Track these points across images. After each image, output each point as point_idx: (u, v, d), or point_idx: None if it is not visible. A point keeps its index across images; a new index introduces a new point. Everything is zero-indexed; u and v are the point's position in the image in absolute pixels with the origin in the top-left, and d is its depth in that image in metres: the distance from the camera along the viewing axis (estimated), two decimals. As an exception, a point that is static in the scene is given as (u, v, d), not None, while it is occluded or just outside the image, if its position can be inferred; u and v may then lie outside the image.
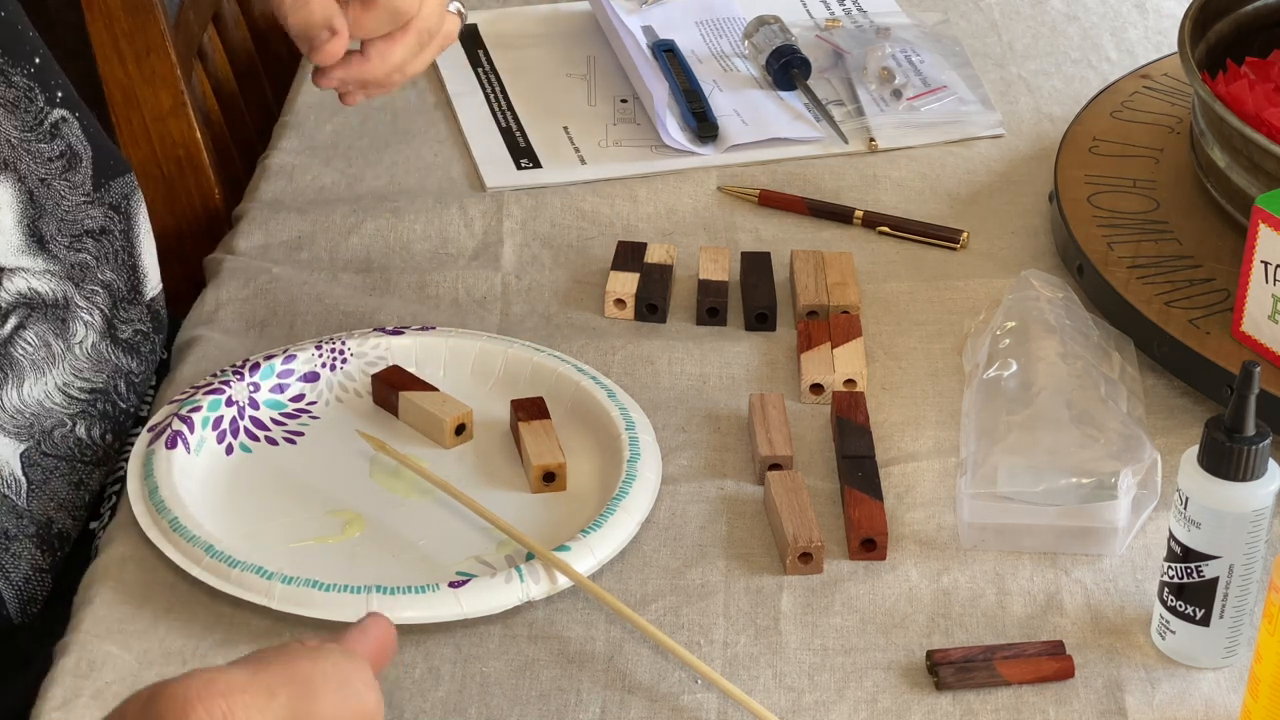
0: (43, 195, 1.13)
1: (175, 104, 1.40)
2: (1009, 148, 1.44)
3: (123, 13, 1.37)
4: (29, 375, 1.12)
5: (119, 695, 0.98)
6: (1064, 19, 1.60)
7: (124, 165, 1.20)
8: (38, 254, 1.12)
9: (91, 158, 1.17)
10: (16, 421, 1.11)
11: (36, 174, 1.13)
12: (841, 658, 1.02)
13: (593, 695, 0.99)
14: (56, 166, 1.15)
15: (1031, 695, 0.99)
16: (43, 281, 1.12)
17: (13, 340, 1.11)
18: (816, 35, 1.54)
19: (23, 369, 1.11)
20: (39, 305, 1.12)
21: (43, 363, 1.13)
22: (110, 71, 1.39)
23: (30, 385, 1.12)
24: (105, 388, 1.16)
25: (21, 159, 1.12)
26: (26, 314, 1.12)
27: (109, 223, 1.18)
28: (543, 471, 1.11)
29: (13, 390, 1.11)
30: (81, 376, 1.15)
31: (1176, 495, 0.98)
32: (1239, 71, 1.31)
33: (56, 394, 1.13)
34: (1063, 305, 1.20)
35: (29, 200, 1.12)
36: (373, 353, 1.19)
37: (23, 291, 1.12)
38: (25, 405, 1.12)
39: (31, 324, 1.12)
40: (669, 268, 1.28)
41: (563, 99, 1.49)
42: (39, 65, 1.14)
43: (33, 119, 1.14)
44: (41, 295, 1.12)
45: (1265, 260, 1.13)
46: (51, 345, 1.13)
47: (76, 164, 1.16)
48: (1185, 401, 1.19)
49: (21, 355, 1.11)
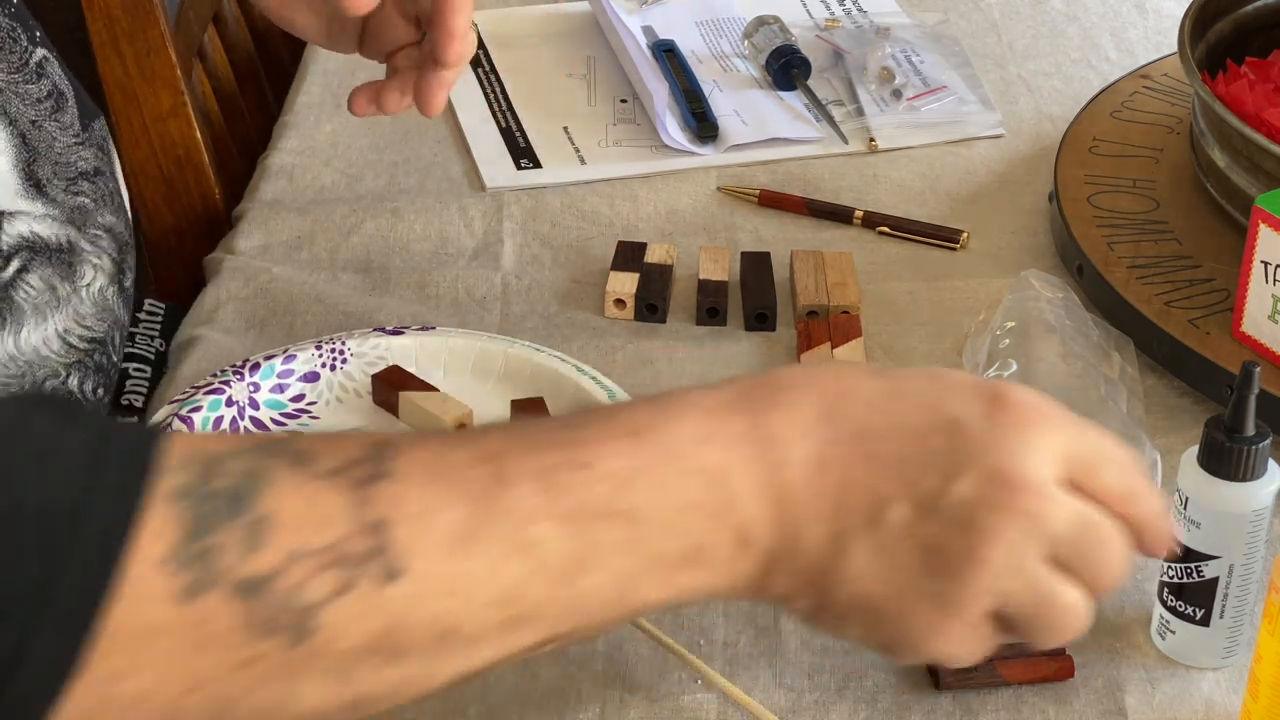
0: (35, 138, 1.11)
1: (175, 104, 1.40)
2: (1009, 148, 1.44)
3: (123, 13, 1.37)
4: (29, 320, 1.09)
5: (119, 695, 0.98)
6: (1064, 19, 1.60)
7: (96, 109, 1.19)
8: (36, 198, 1.10)
9: (74, 97, 1.16)
10: (8, 370, 1.08)
11: (27, 116, 1.11)
12: (841, 658, 1.02)
13: (593, 695, 0.99)
14: (46, 107, 1.13)
15: (1031, 695, 0.99)
16: (44, 225, 1.09)
17: (14, 284, 1.08)
18: (816, 35, 1.54)
19: (23, 313, 1.09)
20: (42, 249, 1.09)
21: (46, 306, 1.10)
22: (110, 71, 1.39)
23: (29, 331, 1.09)
24: (104, 338, 1.14)
25: (10, 101, 1.10)
26: (29, 257, 1.09)
27: (100, 164, 1.16)
28: (543, 471, 1.11)
29: (9, 337, 1.08)
30: (84, 324, 1.12)
31: (1176, 495, 0.98)
32: (1239, 71, 1.31)
33: (55, 340, 1.11)
34: (1063, 305, 1.20)
35: (22, 143, 1.10)
36: (373, 353, 1.19)
37: (24, 235, 1.09)
38: (21, 353, 1.09)
39: (35, 267, 1.09)
40: (669, 268, 1.28)
41: (563, 99, 1.49)
42: (17, 5, 1.13)
43: (18, 59, 1.12)
44: (45, 239, 1.09)
45: (1265, 260, 1.13)
46: (57, 289, 1.10)
47: (64, 104, 1.14)
48: (1185, 401, 1.19)
49: (23, 299, 1.08)
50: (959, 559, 0.80)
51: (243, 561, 0.69)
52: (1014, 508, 0.80)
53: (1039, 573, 0.81)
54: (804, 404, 0.81)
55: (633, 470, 0.77)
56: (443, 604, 0.73)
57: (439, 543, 0.73)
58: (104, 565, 0.67)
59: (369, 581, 0.71)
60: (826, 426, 0.80)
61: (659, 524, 0.77)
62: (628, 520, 0.76)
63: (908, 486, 0.80)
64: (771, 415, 0.80)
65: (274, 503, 0.71)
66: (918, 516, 0.80)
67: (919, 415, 0.81)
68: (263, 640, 0.70)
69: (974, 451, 0.80)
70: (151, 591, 0.68)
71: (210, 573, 0.69)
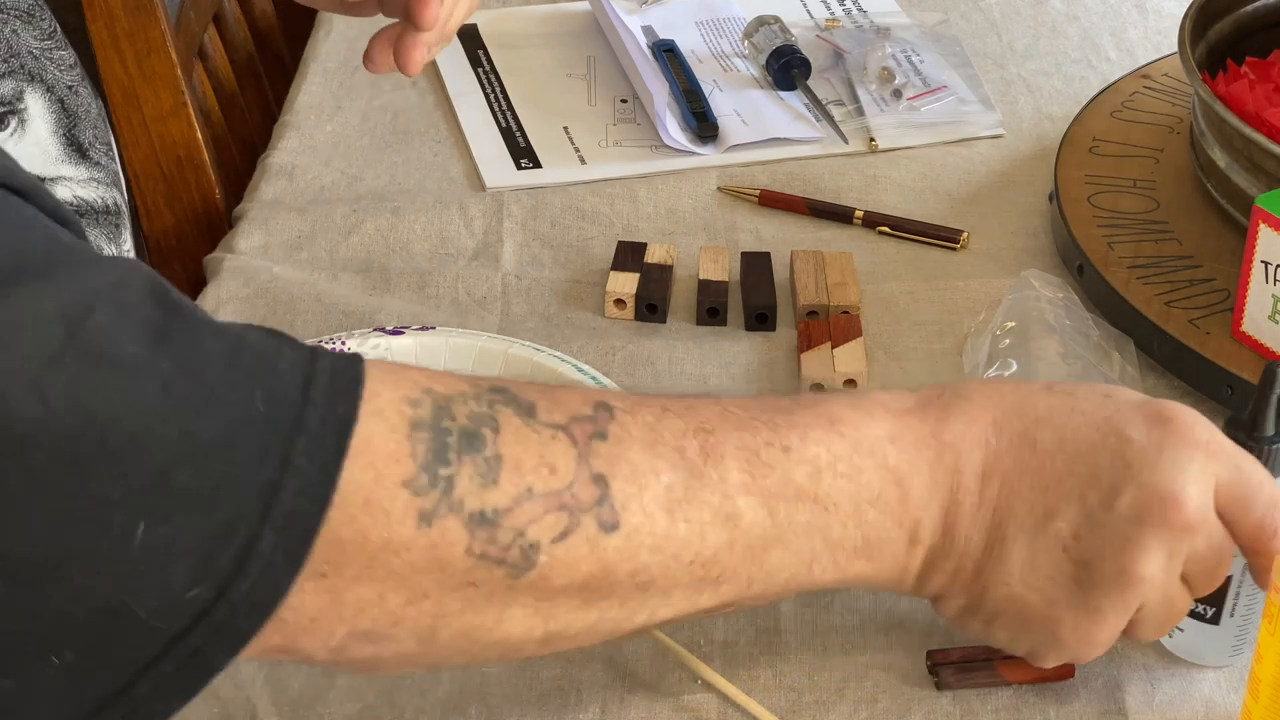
0: (74, 104, 1.11)
1: (176, 104, 1.40)
2: (1009, 148, 1.44)
3: (123, 12, 1.37)
4: None
5: (119, 695, 0.98)
6: (1064, 19, 1.60)
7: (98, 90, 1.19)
8: (80, 162, 1.11)
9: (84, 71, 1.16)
10: None
11: (64, 82, 1.11)
12: (841, 658, 1.02)
13: (593, 695, 0.99)
14: (76, 74, 1.14)
15: (1031, 695, 0.99)
16: (89, 189, 1.10)
17: None
18: (816, 35, 1.54)
19: None
20: (88, 212, 1.09)
21: None
22: (111, 71, 1.39)
23: None
24: None
25: (46, 69, 1.10)
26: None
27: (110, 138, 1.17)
28: (543, 471, 1.11)
29: None
30: None
31: None
32: (1239, 71, 1.31)
33: None
34: (1063, 305, 1.20)
35: (61, 109, 1.10)
36: (373, 353, 1.19)
37: (69, 200, 1.09)
38: None
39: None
40: (669, 268, 1.28)
41: (563, 99, 1.49)
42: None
43: (47, 26, 1.12)
44: (90, 202, 1.10)
45: (1265, 260, 1.13)
46: (103, 250, 1.11)
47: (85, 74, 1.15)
48: (1185, 401, 1.18)
49: None
50: (1115, 574, 0.87)
51: (478, 494, 0.75)
52: (1171, 525, 0.86)
53: (1176, 586, 0.88)
54: (981, 416, 0.87)
55: (830, 458, 0.84)
56: (650, 558, 0.80)
57: (653, 502, 0.79)
58: (326, 474, 0.73)
59: (589, 528, 0.78)
60: (999, 438, 0.87)
61: (845, 513, 0.85)
62: (820, 505, 0.84)
63: (1072, 501, 0.86)
64: (950, 424, 0.87)
65: (506, 446, 0.76)
66: (1079, 529, 0.86)
67: (1089, 431, 0.87)
68: (487, 569, 0.76)
69: (1138, 469, 0.86)
70: (393, 510, 0.74)
71: (448, 500, 0.75)
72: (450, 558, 0.75)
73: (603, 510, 0.78)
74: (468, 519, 0.75)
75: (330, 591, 0.74)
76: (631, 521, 0.79)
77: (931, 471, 0.87)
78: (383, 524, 0.74)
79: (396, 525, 0.74)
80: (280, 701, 0.98)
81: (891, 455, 0.86)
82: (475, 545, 0.76)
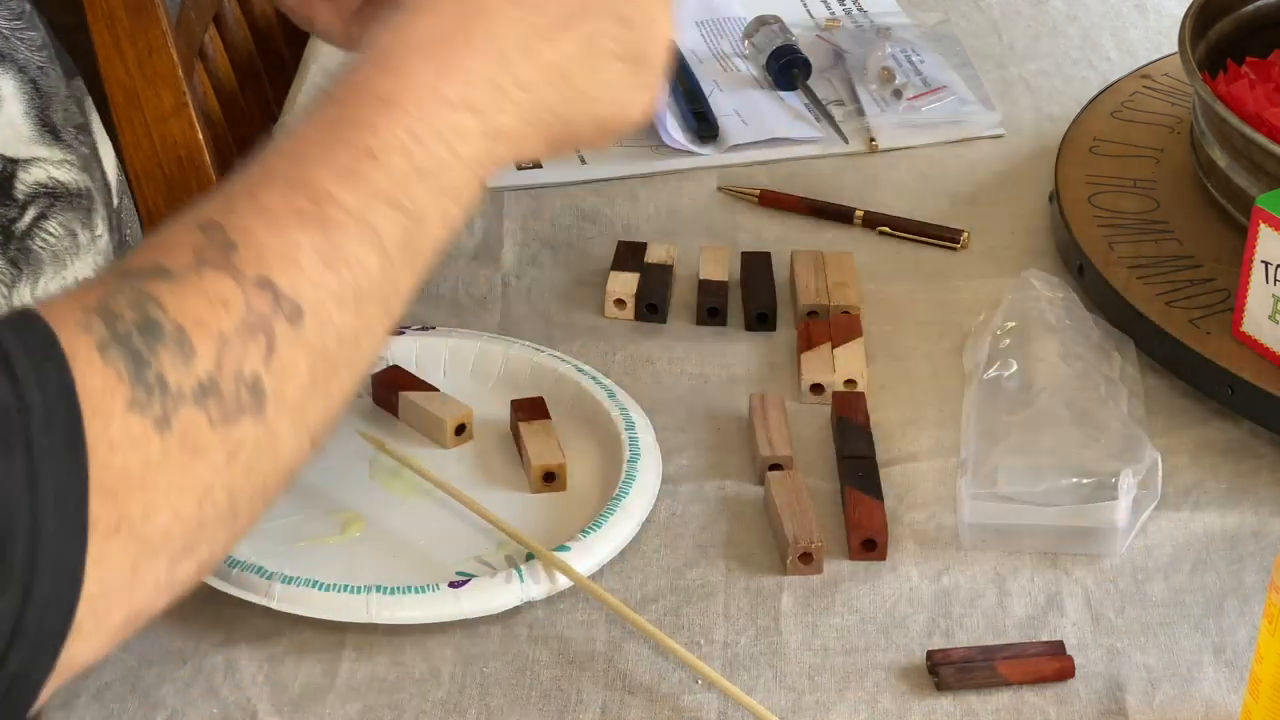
0: (45, 84, 1.11)
1: (176, 104, 1.40)
2: (1009, 148, 1.44)
3: (124, 13, 1.37)
4: (47, 269, 1.09)
5: (119, 695, 0.98)
6: (1064, 19, 1.60)
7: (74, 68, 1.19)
8: (53, 144, 1.10)
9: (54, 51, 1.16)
10: None
11: (34, 62, 1.11)
12: (842, 658, 1.02)
13: (593, 695, 0.99)
14: (45, 55, 1.13)
15: (1031, 695, 0.99)
16: (63, 171, 1.10)
17: (31, 233, 1.08)
18: (816, 35, 1.54)
19: (41, 262, 1.08)
20: (63, 194, 1.09)
21: (65, 254, 1.10)
22: (112, 72, 1.39)
23: (47, 280, 1.09)
24: None
25: (17, 49, 1.10)
26: (49, 204, 1.09)
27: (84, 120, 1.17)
28: (543, 471, 1.11)
29: (26, 287, 1.08)
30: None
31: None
32: (1239, 71, 1.31)
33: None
34: (1063, 305, 1.20)
35: (34, 90, 1.10)
36: (373, 353, 1.19)
37: (42, 181, 1.09)
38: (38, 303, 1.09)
39: (55, 213, 1.09)
40: (669, 268, 1.28)
41: (563, 99, 1.48)
42: None
43: (16, 6, 1.11)
44: (64, 184, 1.10)
45: (1265, 260, 1.13)
46: (78, 235, 1.10)
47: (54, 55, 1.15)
48: (1185, 401, 1.19)
49: (40, 247, 1.08)
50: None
51: (188, 372, 0.76)
52: None
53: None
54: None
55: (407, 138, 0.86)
56: (343, 315, 0.82)
57: (312, 271, 0.81)
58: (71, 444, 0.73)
59: (284, 331, 0.80)
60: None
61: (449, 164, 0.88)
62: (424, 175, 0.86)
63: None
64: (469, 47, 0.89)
65: (176, 313, 0.77)
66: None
67: None
68: (236, 425, 0.78)
69: None
70: (134, 436, 0.74)
71: (170, 396, 0.76)
72: (202, 441, 0.76)
73: (283, 306, 0.80)
74: (194, 399, 0.76)
75: (130, 538, 0.75)
76: (309, 296, 0.81)
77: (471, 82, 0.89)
78: (135, 453, 0.74)
79: (145, 447, 0.75)
80: (280, 701, 0.98)
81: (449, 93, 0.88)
82: (214, 415, 0.77)
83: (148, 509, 0.75)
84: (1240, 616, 1.04)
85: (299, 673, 1.00)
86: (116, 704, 0.98)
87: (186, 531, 0.77)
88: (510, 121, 0.90)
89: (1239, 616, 1.04)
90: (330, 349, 0.82)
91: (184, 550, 0.77)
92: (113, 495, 0.74)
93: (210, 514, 0.78)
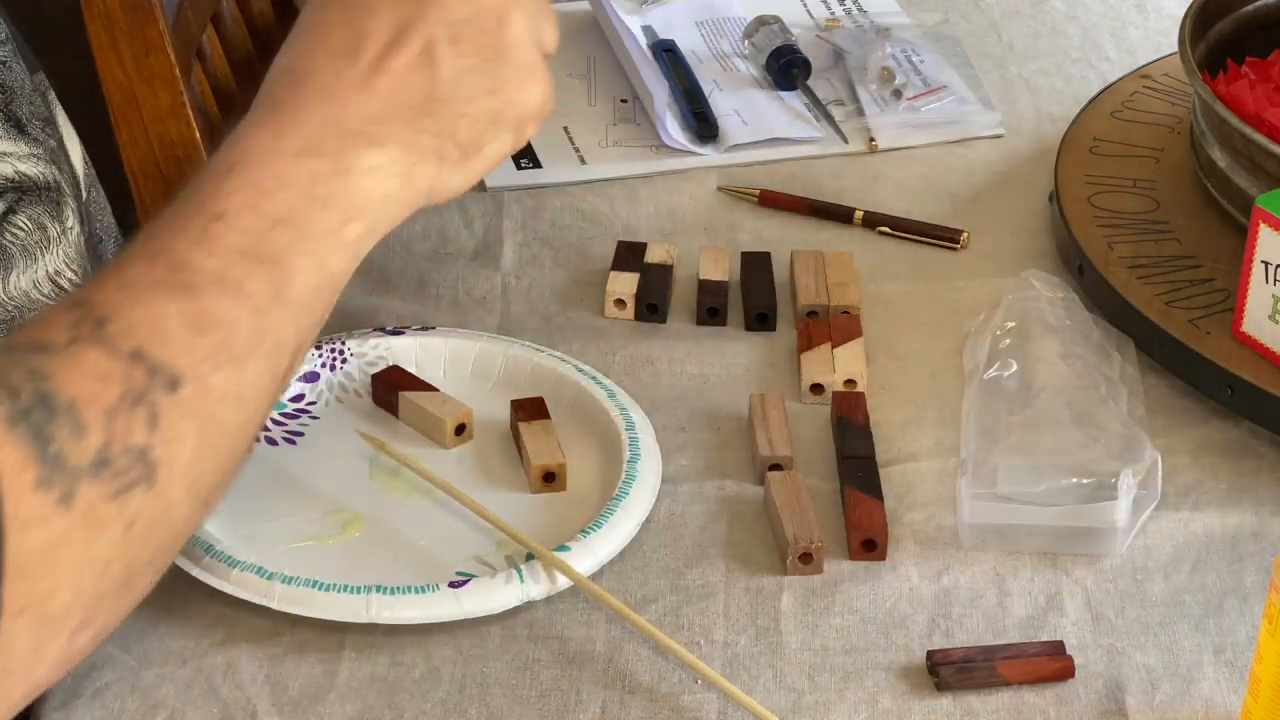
0: (7, 78, 1.11)
1: (174, 104, 1.40)
2: (1009, 148, 1.44)
3: (121, 13, 1.37)
4: (18, 263, 1.09)
5: (119, 695, 0.98)
6: (1064, 19, 1.60)
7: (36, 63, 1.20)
8: (19, 138, 1.10)
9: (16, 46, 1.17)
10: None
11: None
12: (842, 658, 1.02)
13: (593, 695, 0.99)
14: (8, 50, 1.13)
15: (1031, 695, 0.99)
16: (30, 165, 1.10)
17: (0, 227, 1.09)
18: (816, 35, 1.54)
19: (11, 256, 1.08)
20: (31, 188, 1.10)
21: (36, 247, 1.10)
22: (109, 72, 1.38)
23: (18, 275, 1.09)
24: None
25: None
26: (17, 198, 1.09)
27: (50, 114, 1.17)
28: (543, 471, 1.11)
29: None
30: (71, 267, 1.12)
31: None
32: (1239, 71, 1.31)
33: (46, 284, 1.11)
34: (1063, 305, 1.20)
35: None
36: (373, 353, 1.19)
37: (9, 176, 1.09)
38: (10, 297, 1.09)
39: (24, 207, 1.09)
40: (669, 268, 1.28)
41: (563, 99, 1.48)
42: None
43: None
44: (32, 178, 1.10)
45: (1265, 260, 1.13)
46: (48, 228, 1.10)
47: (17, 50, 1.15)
48: (1185, 401, 1.19)
49: (10, 241, 1.08)
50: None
51: (82, 448, 0.77)
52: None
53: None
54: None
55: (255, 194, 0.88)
56: (221, 376, 0.83)
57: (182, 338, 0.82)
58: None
59: (163, 399, 0.80)
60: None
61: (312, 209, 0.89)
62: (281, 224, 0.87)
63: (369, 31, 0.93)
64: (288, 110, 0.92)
65: (65, 388, 0.78)
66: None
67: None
68: (130, 498, 0.78)
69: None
70: (41, 515, 0.75)
71: (69, 472, 0.77)
72: (101, 516, 0.77)
73: (159, 376, 0.80)
74: (90, 475, 0.77)
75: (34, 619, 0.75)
76: (183, 363, 0.81)
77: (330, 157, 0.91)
78: (42, 532, 0.75)
79: (51, 525, 0.75)
80: (280, 701, 0.98)
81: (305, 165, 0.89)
82: (110, 490, 0.78)
83: (52, 588, 0.76)
84: (1240, 616, 1.04)
85: (299, 673, 1.00)
86: (116, 704, 0.98)
87: (85, 606, 0.78)
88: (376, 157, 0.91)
89: (1239, 616, 1.04)
90: (214, 411, 0.83)
91: (82, 624, 0.79)
92: (23, 575, 0.75)
93: (108, 587, 0.79)
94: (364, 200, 0.90)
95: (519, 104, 0.97)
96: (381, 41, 0.92)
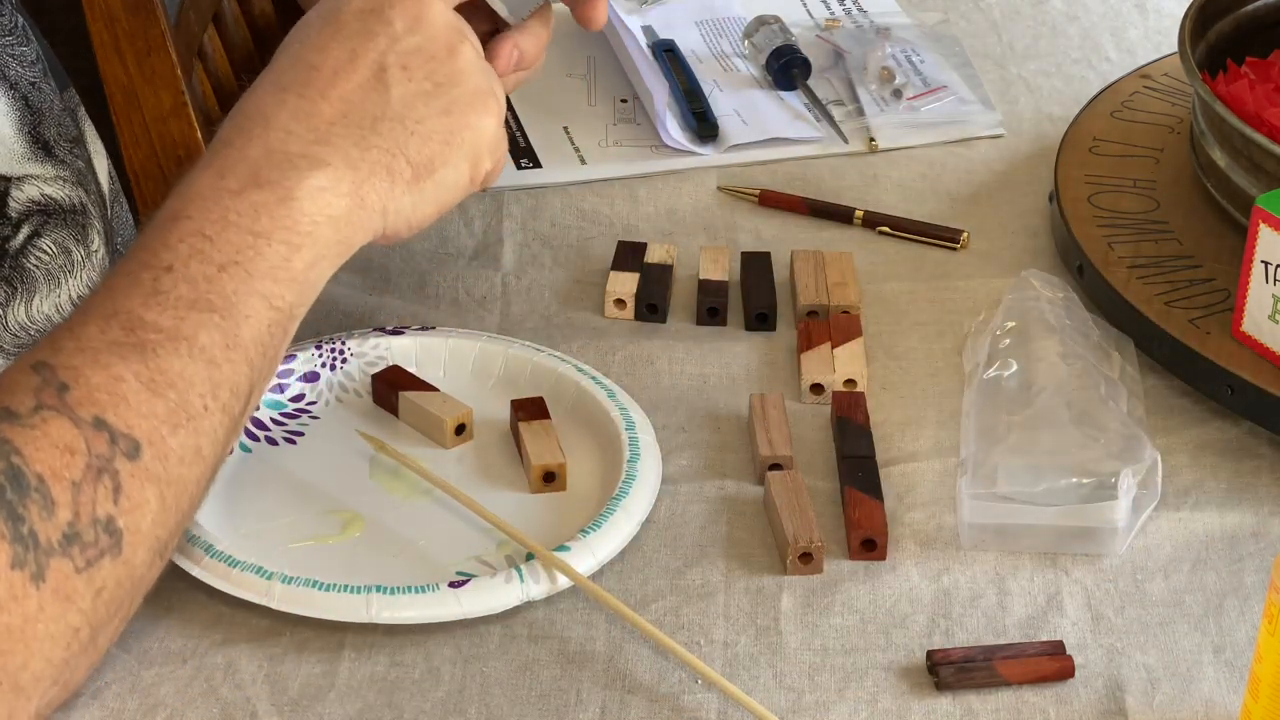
0: (37, 100, 1.12)
1: (176, 104, 1.40)
2: (1009, 148, 1.44)
3: (123, 13, 1.37)
4: (41, 287, 1.09)
5: (119, 695, 0.98)
6: (1064, 19, 1.60)
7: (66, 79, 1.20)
8: (46, 160, 1.11)
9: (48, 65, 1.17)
10: (19, 340, 1.09)
11: (26, 78, 1.11)
12: (842, 658, 1.02)
13: (593, 695, 0.99)
14: (38, 70, 1.13)
15: (1031, 695, 0.99)
16: (56, 187, 1.11)
17: (25, 251, 1.09)
18: (816, 35, 1.54)
19: (35, 280, 1.09)
20: (56, 211, 1.10)
21: (59, 271, 1.10)
22: (111, 72, 1.38)
23: (41, 299, 1.10)
24: None
25: (8, 65, 1.10)
26: (42, 221, 1.10)
27: (78, 132, 1.17)
28: (543, 471, 1.11)
29: (20, 306, 1.09)
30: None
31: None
32: (1239, 71, 1.31)
33: (69, 307, 1.11)
34: (1063, 305, 1.20)
35: (25, 106, 1.11)
36: (373, 353, 1.19)
37: (35, 199, 1.10)
38: (33, 322, 1.09)
39: (49, 230, 1.10)
40: (669, 268, 1.28)
41: (563, 99, 1.49)
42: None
43: (8, 22, 1.12)
44: (58, 201, 1.10)
45: (1265, 260, 1.13)
46: (72, 252, 1.11)
47: (47, 70, 1.15)
48: (1185, 401, 1.19)
49: (34, 265, 1.09)
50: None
51: (53, 523, 0.79)
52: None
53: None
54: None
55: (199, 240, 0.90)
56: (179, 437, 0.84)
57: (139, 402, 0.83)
58: None
59: (125, 467, 0.82)
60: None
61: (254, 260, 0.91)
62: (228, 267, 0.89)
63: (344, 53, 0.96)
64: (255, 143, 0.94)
65: (33, 461, 0.80)
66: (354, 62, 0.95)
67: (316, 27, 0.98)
68: (99, 568, 0.81)
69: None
70: (16, 593, 0.78)
71: (40, 550, 0.78)
72: (71, 589, 0.79)
73: (120, 444, 0.82)
74: (61, 550, 0.79)
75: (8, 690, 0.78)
76: (142, 428, 0.83)
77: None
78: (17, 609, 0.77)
79: (25, 602, 0.78)
80: (280, 701, 0.98)
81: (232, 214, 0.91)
82: (79, 562, 0.80)
83: (25, 660, 0.78)
84: (1240, 616, 1.04)
85: (299, 673, 1.00)
86: (116, 704, 0.98)
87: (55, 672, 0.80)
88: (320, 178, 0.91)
89: (1239, 616, 1.05)
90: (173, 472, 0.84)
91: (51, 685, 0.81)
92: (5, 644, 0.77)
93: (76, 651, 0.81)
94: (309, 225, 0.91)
95: (473, 128, 0.97)
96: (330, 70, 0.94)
